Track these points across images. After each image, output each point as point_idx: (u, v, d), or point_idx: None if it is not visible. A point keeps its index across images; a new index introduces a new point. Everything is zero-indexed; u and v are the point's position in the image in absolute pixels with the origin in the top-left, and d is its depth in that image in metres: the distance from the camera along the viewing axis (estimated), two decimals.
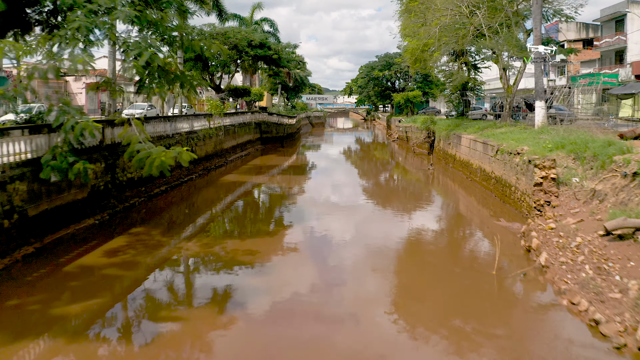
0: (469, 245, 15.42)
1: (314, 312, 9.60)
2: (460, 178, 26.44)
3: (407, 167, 34.09)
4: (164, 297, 10.48)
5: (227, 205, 20.83)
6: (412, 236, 16.13)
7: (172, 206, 20.12)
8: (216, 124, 29.65)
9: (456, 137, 28.70)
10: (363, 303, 10.11)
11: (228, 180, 25.30)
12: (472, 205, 21.21)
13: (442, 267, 12.67)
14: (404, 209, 20.82)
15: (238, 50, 38.61)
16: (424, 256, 13.97)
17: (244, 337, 8.65)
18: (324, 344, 8.36)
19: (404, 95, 59.04)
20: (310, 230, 16.28)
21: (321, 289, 10.92)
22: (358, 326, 9.06)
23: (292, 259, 13.15)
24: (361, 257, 13.30)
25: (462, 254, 14.22)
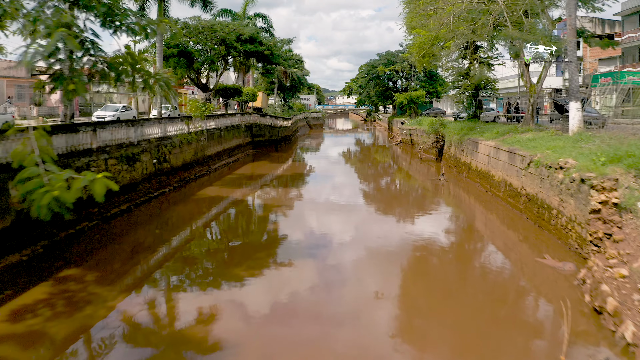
0: (511, 302, 11.44)
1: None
2: (477, 191, 22.77)
3: (414, 176, 30.39)
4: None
5: (197, 232, 17.09)
6: (437, 283, 12.39)
7: (131, 230, 16.39)
8: (196, 128, 25.95)
9: (472, 143, 25.01)
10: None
11: (206, 194, 21.58)
12: (499, 231, 17.51)
13: (484, 345, 8.87)
14: (416, 236, 17.11)
15: (226, 45, 34.92)
16: (451, 318, 10.21)
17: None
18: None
19: (406, 95, 55.36)
20: (308, 271, 12.57)
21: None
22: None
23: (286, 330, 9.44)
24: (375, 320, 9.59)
25: (505, 316, 10.38)
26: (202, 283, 11.77)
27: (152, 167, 20.63)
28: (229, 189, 23.08)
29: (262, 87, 79.41)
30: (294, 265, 12.74)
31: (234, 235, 16.50)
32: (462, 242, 16.53)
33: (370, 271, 12.53)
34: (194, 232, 16.67)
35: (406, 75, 65.63)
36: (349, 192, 24.08)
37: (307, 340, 8.73)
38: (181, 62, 34.16)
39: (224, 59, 37.78)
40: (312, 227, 16.84)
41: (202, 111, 25.27)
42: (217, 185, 24.08)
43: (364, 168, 35.53)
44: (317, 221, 17.86)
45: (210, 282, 11.86)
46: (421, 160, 33.92)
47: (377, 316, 9.70)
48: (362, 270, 12.54)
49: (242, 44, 34.49)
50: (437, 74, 67.26)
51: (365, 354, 8.10)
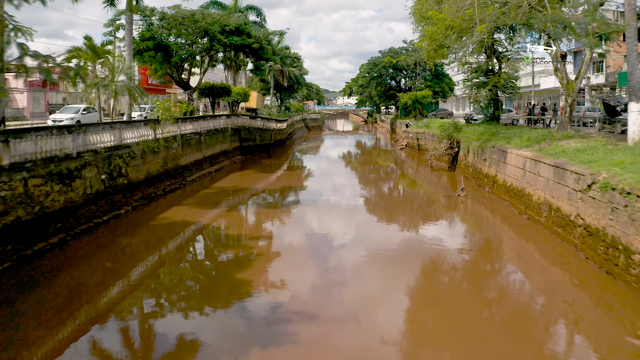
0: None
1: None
2: (506, 212, 18.48)
3: (427, 189, 26.06)
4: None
5: (146, 280, 12.79)
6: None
7: (68, 268, 12.37)
8: (166, 133, 21.66)
9: (497, 151, 20.69)
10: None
11: (169, 218, 17.25)
12: (539, 266, 13.20)
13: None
14: (439, 274, 12.78)
15: (210, 37, 30.63)
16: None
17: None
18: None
19: (411, 95, 51.08)
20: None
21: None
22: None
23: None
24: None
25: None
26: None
27: (99, 184, 16.34)
28: (201, 209, 18.75)
29: (257, 87, 75.12)
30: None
31: (185, 292, 12.18)
32: (490, 277, 12.35)
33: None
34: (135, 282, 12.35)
35: (410, 74, 61.31)
36: (349, 212, 19.77)
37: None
38: (157, 57, 29.88)
39: (208, 54, 33.47)
40: (304, 281, 12.52)
41: (170, 113, 20.96)
42: (189, 203, 19.76)
43: (367, 179, 31.20)
44: (312, 265, 13.54)
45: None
46: (431, 168, 29.59)
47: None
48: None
49: (228, 36, 30.18)
50: (444, 72, 63.04)
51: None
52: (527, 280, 13.03)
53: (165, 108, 20.72)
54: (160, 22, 30.75)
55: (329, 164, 36.90)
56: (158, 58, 29.86)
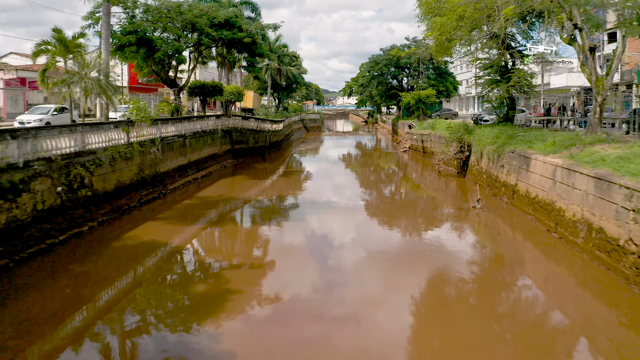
0: None
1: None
2: (530, 227, 16.01)
3: (437, 199, 23.55)
4: None
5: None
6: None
7: (14, 298, 10.11)
8: (142, 137, 19.15)
9: (518, 157, 18.17)
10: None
11: (139, 236, 14.71)
12: (590, 309, 10.72)
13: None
14: (452, 295, 10.26)
15: (197, 31, 28.12)
16: None
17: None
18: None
19: (414, 94, 48.52)
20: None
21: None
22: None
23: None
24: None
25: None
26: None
27: (54, 198, 13.83)
28: (177, 225, 16.21)
29: (253, 87, 72.59)
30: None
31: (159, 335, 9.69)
32: (515, 305, 9.96)
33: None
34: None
35: (413, 73, 58.75)
36: (351, 228, 17.25)
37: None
38: (140, 53, 27.35)
39: (197, 50, 30.96)
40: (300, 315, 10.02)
41: (145, 114, 18.43)
42: (165, 217, 17.22)
43: (369, 186, 28.67)
44: (309, 297, 11.04)
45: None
46: (439, 174, 27.07)
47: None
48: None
49: (217, 29, 27.66)
50: (448, 70, 60.53)
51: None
52: (560, 313, 10.71)
53: (139, 108, 18.19)
54: (144, 15, 28.23)
55: (328, 168, 34.38)
56: (141, 54, 27.33)
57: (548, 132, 21.17)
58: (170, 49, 27.26)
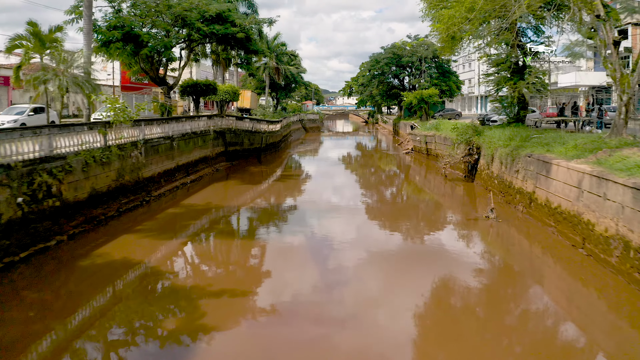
0: None
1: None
2: (551, 241, 14.32)
3: (444, 204, 21.83)
4: None
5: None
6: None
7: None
8: (121, 139, 17.43)
9: (536, 161, 16.44)
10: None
11: (109, 253, 12.96)
12: (628, 341, 9.02)
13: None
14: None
15: (187, 26, 26.40)
16: None
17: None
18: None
19: (417, 94, 46.79)
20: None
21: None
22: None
23: None
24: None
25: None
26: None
27: (13, 210, 12.13)
28: (156, 238, 14.45)
29: (251, 86, 70.90)
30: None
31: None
32: (537, 330, 8.35)
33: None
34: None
35: (415, 72, 57.02)
36: (354, 242, 15.53)
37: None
38: (127, 50, 25.65)
39: (189, 46, 29.23)
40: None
41: (125, 114, 16.69)
42: (144, 229, 15.49)
43: (372, 192, 26.94)
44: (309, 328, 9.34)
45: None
46: (445, 178, 25.34)
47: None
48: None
49: (208, 24, 25.94)
50: (451, 69, 58.85)
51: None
52: (590, 341, 9.12)
53: (118, 108, 16.43)
54: (131, 9, 26.56)
55: (327, 171, 32.65)
56: (127, 50, 25.62)
57: (565, 134, 19.45)
58: (159, 45, 25.52)
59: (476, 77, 72.71)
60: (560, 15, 25.87)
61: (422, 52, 53.33)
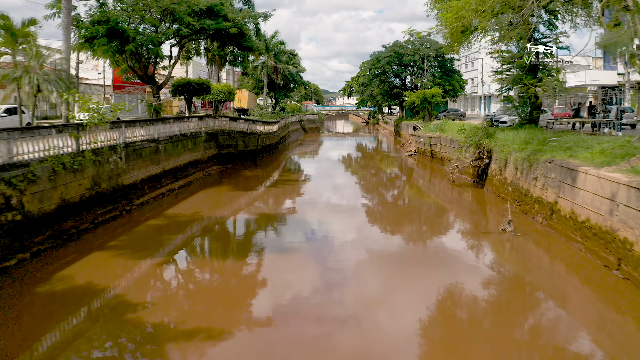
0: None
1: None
2: (577, 258, 12.68)
3: (453, 213, 20.11)
4: None
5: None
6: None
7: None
8: (97, 143, 15.72)
9: (558, 168, 14.71)
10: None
11: (72, 276, 11.24)
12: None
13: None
14: None
15: (176, 20, 24.68)
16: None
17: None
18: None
19: (419, 93, 45.07)
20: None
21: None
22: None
23: None
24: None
25: None
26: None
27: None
28: (130, 257, 12.71)
29: (249, 86, 69.18)
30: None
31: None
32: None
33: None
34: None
35: (417, 71, 55.28)
36: (359, 258, 13.83)
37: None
38: (112, 46, 23.93)
39: (179, 43, 27.49)
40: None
41: (101, 115, 14.95)
42: (118, 245, 13.78)
43: (374, 197, 25.22)
44: None
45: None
46: (453, 183, 23.63)
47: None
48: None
49: (199, 18, 24.23)
50: (454, 68, 57.15)
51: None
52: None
53: (92, 108, 14.69)
54: (117, 3, 24.85)
55: (327, 175, 30.93)
56: (112, 47, 23.90)
57: (587, 137, 17.73)
58: (145, 41, 23.79)
59: (479, 77, 70.99)
60: (574, 9, 24.27)
61: (424, 51, 51.62)
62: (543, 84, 20.39)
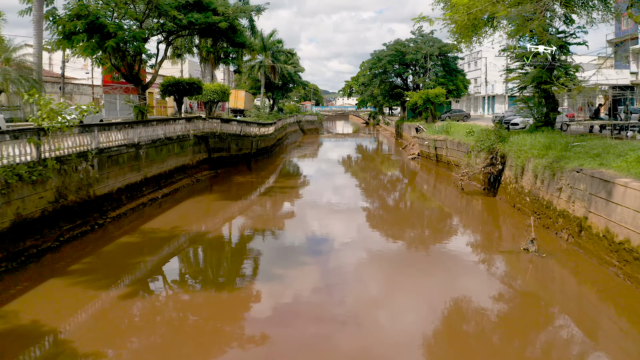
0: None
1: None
2: (612, 284, 10.90)
3: (465, 228, 18.17)
4: None
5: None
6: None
7: None
8: (62, 150, 13.84)
9: (589, 179, 12.80)
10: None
11: (19, 311, 9.36)
12: None
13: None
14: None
15: (161, 14, 22.81)
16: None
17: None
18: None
19: (422, 93, 43.26)
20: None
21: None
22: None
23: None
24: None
25: None
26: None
27: None
28: (89, 287, 10.74)
29: (246, 86, 67.33)
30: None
31: None
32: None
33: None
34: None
35: (419, 70, 53.39)
36: (363, 282, 11.94)
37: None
38: (91, 43, 22.06)
39: (166, 39, 25.60)
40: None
41: (64, 118, 13.04)
42: (80, 268, 11.88)
43: (378, 208, 23.33)
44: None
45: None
46: (462, 191, 21.76)
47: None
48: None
49: (186, 12, 22.35)
50: (458, 67, 55.31)
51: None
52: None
53: (53, 110, 12.79)
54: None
55: (325, 181, 29.03)
56: (92, 44, 22.01)
57: (616, 142, 15.85)
58: (127, 36, 21.91)
59: (483, 76, 69.18)
60: (590, 2, 22.45)
61: (427, 49, 49.78)
62: (564, 82, 18.49)
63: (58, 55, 40.92)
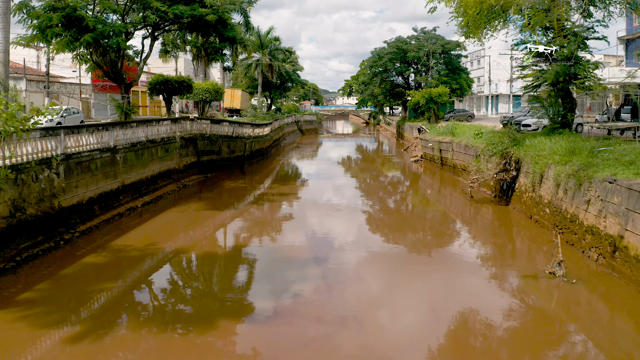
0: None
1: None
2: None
3: (478, 242, 16.33)
4: None
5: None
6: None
7: None
8: (13, 157, 12.06)
9: (625, 191, 11.01)
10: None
11: None
12: None
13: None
14: None
15: (145, 7, 21.02)
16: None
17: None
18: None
19: (424, 92, 41.49)
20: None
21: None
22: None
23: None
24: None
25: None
26: None
27: None
28: (41, 324, 8.98)
29: (243, 85, 65.55)
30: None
31: None
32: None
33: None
34: None
35: (421, 69, 51.57)
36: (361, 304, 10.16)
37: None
38: (66, 36, 20.29)
39: (152, 34, 23.82)
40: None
41: (18, 123, 11.22)
42: (31, 297, 10.13)
43: (378, 217, 21.53)
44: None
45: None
46: (471, 199, 19.98)
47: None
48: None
49: (171, 4, 20.57)
50: (461, 65, 53.54)
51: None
52: None
53: (9, 115, 10.96)
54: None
55: (324, 186, 27.21)
56: (67, 38, 20.26)
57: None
58: (106, 30, 20.12)
59: (486, 75, 67.39)
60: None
61: (429, 47, 48.00)
62: (584, 81, 16.72)
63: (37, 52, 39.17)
